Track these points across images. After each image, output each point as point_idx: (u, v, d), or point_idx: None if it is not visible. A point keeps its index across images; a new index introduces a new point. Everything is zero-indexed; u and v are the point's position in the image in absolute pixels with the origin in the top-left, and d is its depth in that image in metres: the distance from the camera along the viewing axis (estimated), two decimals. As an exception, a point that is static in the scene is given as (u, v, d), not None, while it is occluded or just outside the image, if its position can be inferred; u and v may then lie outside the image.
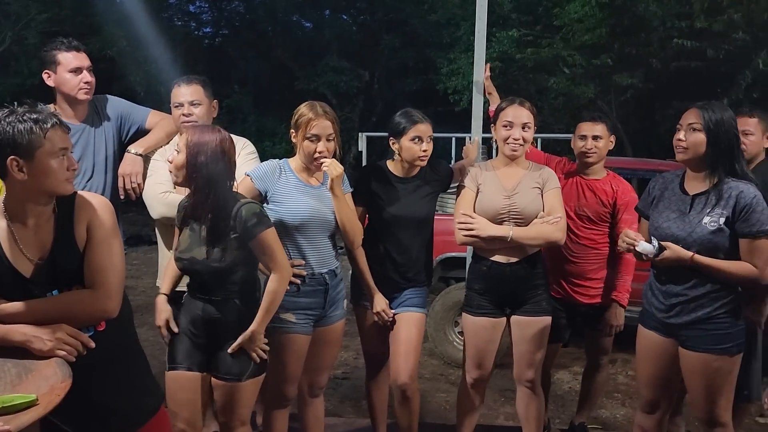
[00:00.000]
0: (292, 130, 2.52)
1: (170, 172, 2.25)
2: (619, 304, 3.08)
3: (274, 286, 2.23)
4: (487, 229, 2.66)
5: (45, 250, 1.72)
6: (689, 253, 2.26)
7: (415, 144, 2.71)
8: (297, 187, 2.52)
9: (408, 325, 2.79)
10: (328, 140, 2.48)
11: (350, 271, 2.83)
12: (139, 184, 2.72)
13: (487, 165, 2.84)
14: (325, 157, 2.47)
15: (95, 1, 11.98)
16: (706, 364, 2.33)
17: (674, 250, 2.29)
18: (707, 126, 2.27)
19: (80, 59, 2.67)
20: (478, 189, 2.75)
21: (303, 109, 2.51)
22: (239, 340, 2.21)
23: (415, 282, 2.84)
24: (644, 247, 2.32)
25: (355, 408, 3.92)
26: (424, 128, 2.72)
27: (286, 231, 2.47)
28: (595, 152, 3.03)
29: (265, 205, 2.47)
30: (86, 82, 2.67)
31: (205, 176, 2.13)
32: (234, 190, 2.26)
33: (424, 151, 2.72)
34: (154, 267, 2.90)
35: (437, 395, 4.35)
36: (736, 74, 9.43)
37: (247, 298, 2.25)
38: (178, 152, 2.19)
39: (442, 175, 2.92)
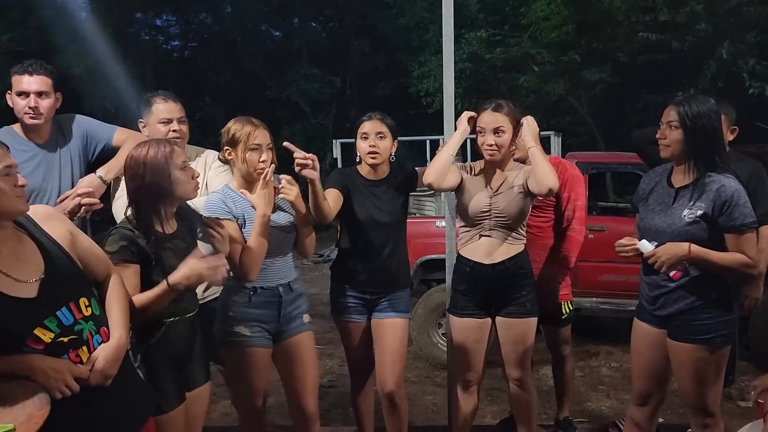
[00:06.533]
0: (227, 148, 2.43)
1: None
2: (553, 279, 3.12)
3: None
4: None
5: (39, 267, 1.69)
6: (686, 245, 2.27)
7: (363, 141, 2.74)
8: (248, 208, 2.44)
9: (392, 332, 2.79)
10: (268, 149, 2.43)
11: (329, 285, 2.84)
12: (91, 206, 2.55)
13: (476, 165, 2.83)
14: (264, 169, 2.37)
15: (59, 20, 11.85)
16: (691, 354, 2.35)
17: (670, 244, 2.30)
18: (684, 122, 2.30)
19: (28, 83, 2.57)
20: (462, 180, 2.75)
21: (236, 124, 2.42)
22: None
23: (397, 284, 2.83)
24: (643, 245, 2.35)
25: (342, 416, 3.90)
26: (370, 125, 2.73)
27: None
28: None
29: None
30: (31, 107, 2.57)
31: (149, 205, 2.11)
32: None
33: (372, 146, 2.71)
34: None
35: (424, 398, 4.35)
36: (700, 65, 9.59)
37: None
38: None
39: (408, 176, 2.89)
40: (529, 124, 2.70)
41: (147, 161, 2.07)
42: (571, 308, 3.30)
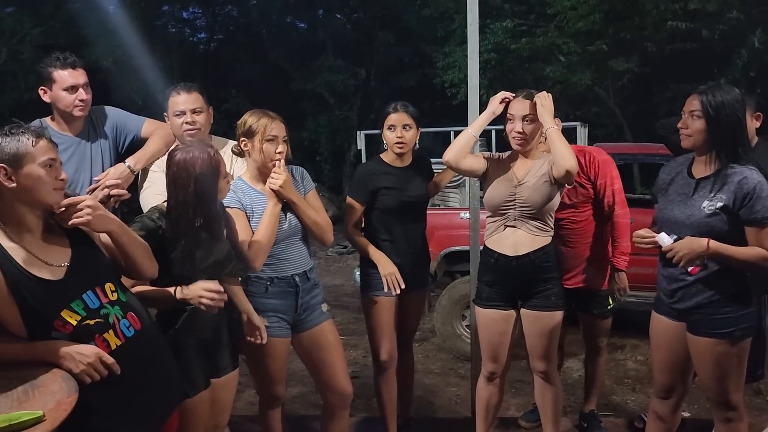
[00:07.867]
0: (243, 139, 2.47)
1: None
2: (616, 268, 3.09)
3: None
4: None
5: (67, 254, 1.77)
6: (704, 241, 2.22)
7: (390, 132, 2.89)
8: (257, 201, 2.48)
9: (418, 306, 3.17)
10: (283, 141, 2.48)
11: (354, 275, 2.88)
12: (119, 197, 2.64)
13: (502, 155, 2.83)
14: (279, 160, 2.45)
15: (88, 13, 11.98)
16: (710, 348, 2.32)
17: (689, 239, 2.25)
18: (706, 111, 2.25)
19: (75, 77, 2.64)
20: (488, 167, 2.76)
21: (253, 116, 2.47)
22: None
23: (424, 261, 3.11)
24: (662, 238, 2.31)
25: (366, 406, 3.92)
26: (396, 117, 2.88)
27: None
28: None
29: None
30: (81, 100, 2.65)
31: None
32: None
33: (399, 137, 2.87)
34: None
35: (448, 389, 4.35)
36: (731, 54, 9.39)
37: None
38: None
39: (427, 163, 3.10)
40: (543, 101, 2.61)
41: (196, 175, 2.07)
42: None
